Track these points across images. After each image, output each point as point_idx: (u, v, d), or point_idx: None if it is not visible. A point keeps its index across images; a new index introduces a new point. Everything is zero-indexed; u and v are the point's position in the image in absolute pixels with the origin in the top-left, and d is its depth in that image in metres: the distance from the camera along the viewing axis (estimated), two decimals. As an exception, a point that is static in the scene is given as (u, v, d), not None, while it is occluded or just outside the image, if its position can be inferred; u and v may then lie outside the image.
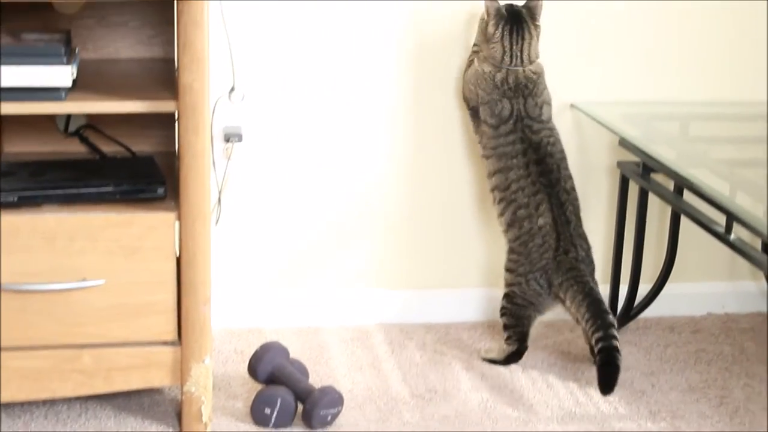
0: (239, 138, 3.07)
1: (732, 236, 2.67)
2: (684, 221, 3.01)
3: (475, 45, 3.08)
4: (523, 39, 2.98)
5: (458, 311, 3.31)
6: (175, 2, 2.42)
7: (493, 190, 3.03)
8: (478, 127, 3.06)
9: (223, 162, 3.09)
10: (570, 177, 3.00)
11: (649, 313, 3.27)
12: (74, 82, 2.49)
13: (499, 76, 2.99)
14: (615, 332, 2.87)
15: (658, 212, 3.29)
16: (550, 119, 3.03)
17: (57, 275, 2.48)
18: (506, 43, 2.97)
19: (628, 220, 3.20)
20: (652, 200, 3.13)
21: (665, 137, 3.16)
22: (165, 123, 2.83)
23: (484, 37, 3.01)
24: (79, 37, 2.80)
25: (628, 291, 3.22)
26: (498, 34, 2.97)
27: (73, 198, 2.51)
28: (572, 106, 3.21)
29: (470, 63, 3.07)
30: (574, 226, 2.97)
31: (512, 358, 3.05)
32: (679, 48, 3.25)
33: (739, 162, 3.03)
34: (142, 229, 2.49)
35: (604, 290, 3.17)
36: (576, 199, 3.00)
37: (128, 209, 2.51)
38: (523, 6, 3.01)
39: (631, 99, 3.26)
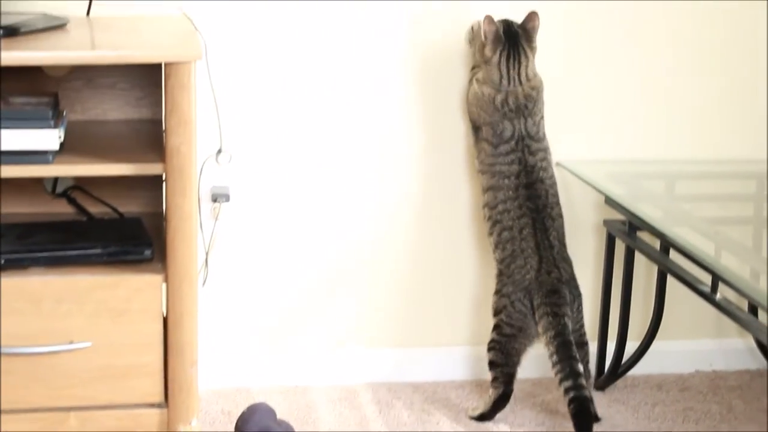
0: (227, 198, 3.08)
1: (718, 296, 2.68)
2: (671, 278, 3.02)
3: (474, 67, 3.10)
4: (519, 63, 3.00)
5: (446, 370, 3.31)
6: (163, 66, 2.43)
7: (484, 206, 3.06)
8: (477, 141, 3.08)
9: (210, 222, 3.10)
10: (558, 204, 3.03)
11: (637, 370, 3.27)
12: (62, 144, 2.49)
13: (499, 98, 3.01)
14: (583, 381, 2.90)
15: (645, 269, 3.30)
16: (544, 135, 3.05)
17: (44, 338, 2.46)
18: (503, 68, 3.00)
19: (615, 278, 3.21)
20: (639, 257, 3.14)
21: (651, 196, 3.18)
22: (153, 184, 2.83)
23: (482, 57, 3.03)
24: (67, 99, 2.81)
25: (615, 348, 3.23)
26: (495, 58, 3.00)
27: (60, 260, 2.50)
28: (558, 164, 3.22)
29: (470, 83, 3.09)
30: (558, 251, 3.00)
31: (499, 403, 3.04)
32: (665, 106, 3.27)
33: (724, 220, 3.04)
34: (129, 291, 2.48)
35: (591, 348, 3.18)
36: (562, 225, 3.04)
37: (115, 271, 2.50)
38: (520, 26, 3.02)
39: (617, 157, 3.28)
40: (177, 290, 2.50)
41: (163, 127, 2.50)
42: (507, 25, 3.02)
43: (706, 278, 2.72)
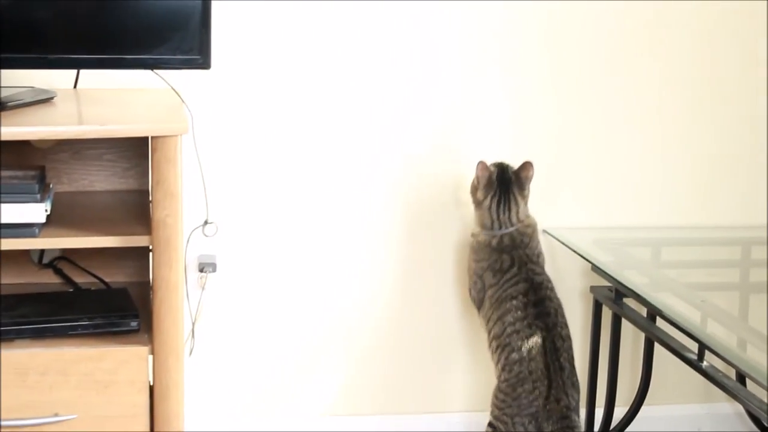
0: (213, 268, 3.08)
1: (705, 364, 2.68)
2: (658, 344, 3.02)
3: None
4: (509, 209, 3.02)
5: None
6: (150, 139, 2.45)
7: (492, 340, 2.99)
8: (480, 290, 3.06)
9: (197, 292, 3.10)
10: (566, 325, 2.97)
11: (625, 436, 3.27)
12: (48, 216, 2.50)
13: (494, 242, 3.02)
14: None
15: (633, 335, 3.31)
16: (544, 266, 3.05)
17: (29, 410, 2.46)
18: (494, 214, 3.02)
19: (602, 344, 3.21)
20: (627, 323, 3.14)
21: (637, 263, 3.19)
22: (140, 254, 2.84)
23: (475, 200, 3.06)
24: (53, 171, 2.82)
25: (603, 414, 3.22)
26: (486, 202, 3.02)
27: (45, 332, 2.50)
28: (544, 231, 3.23)
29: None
30: (568, 374, 2.91)
31: None
32: (651, 173, 3.29)
33: (710, 286, 3.05)
34: (115, 363, 2.48)
35: (580, 413, 3.18)
36: (571, 347, 2.96)
37: (101, 343, 2.50)
38: (514, 172, 3.04)
39: (604, 224, 3.29)
40: (163, 361, 2.51)
41: (150, 199, 2.52)
42: (501, 170, 3.05)
43: (693, 345, 2.72)
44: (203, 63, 2.64)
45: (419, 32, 3.12)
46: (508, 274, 2.99)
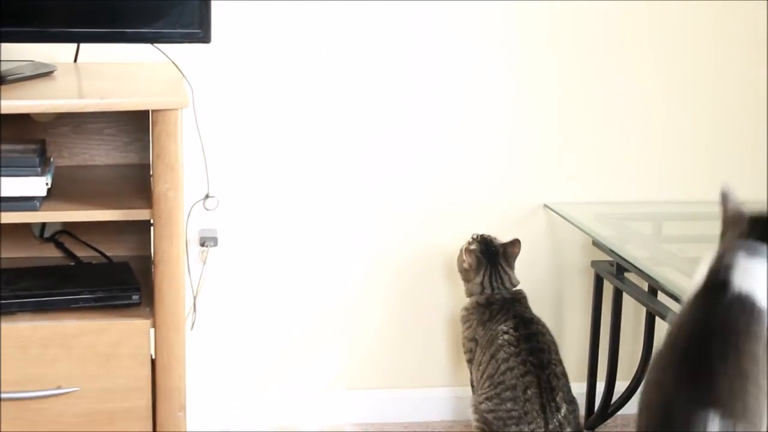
0: (215, 242, 3.08)
1: (705, 336, 2.68)
2: (659, 318, 3.02)
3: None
4: (501, 278, 3.03)
5: (431, 410, 3.32)
6: (150, 112, 2.45)
7: (486, 379, 2.93)
8: (473, 358, 3.03)
9: (198, 266, 3.10)
10: (561, 362, 2.92)
11: (627, 410, 3.26)
12: (49, 189, 2.50)
13: (483, 299, 3.02)
14: None
15: (634, 309, 3.31)
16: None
17: (32, 383, 2.47)
18: (486, 283, 3.02)
19: (603, 319, 3.22)
20: (628, 297, 3.15)
21: (638, 237, 3.19)
22: (141, 227, 2.83)
23: (466, 277, 3.06)
24: (54, 144, 2.82)
25: (605, 388, 3.23)
26: (479, 278, 3.03)
27: (47, 305, 2.51)
28: (546, 206, 3.24)
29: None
30: (565, 414, 2.85)
31: None
32: (652, 148, 3.29)
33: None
34: (117, 336, 2.48)
35: (581, 388, 3.19)
36: (567, 383, 2.90)
37: (103, 316, 2.51)
38: (502, 246, 3.05)
39: (605, 199, 3.29)
40: (165, 335, 2.51)
41: (151, 173, 2.52)
42: (485, 244, 3.04)
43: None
44: (203, 37, 2.63)
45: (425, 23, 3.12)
46: (498, 315, 2.98)
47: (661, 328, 3.08)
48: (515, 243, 3.06)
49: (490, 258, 3.03)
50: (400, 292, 3.27)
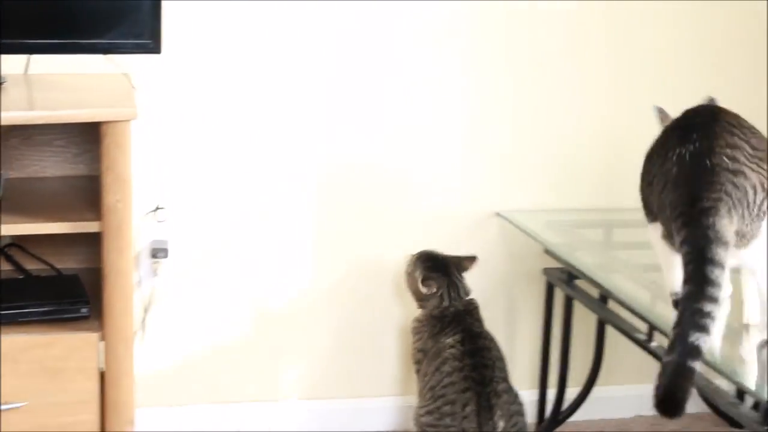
0: (166, 254, 3.07)
1: (654, 344, 2.70)
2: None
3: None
4: (458, 289, 3.00)
5: (375, 420, 3.33)
6: (100, 124, 2.44)
7: (429, 390, 2.90)
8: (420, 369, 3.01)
9: (149, 278, 3.09)
10: (505, 379, 2.89)
11: (578, 416, 3.29)
12: (-2, 203, 2.50)
13: (437, 311, 2.99)
14: None
15: (586, 316, 3.32)
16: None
17: (-22, 398, 2.46)
18: (445, 296, 2.99)
19: (555, 325, 3.23)
20: (579, 304, 3.16)
21: (589, 244, 3.21)
22: (92, 239, 2.81)
23: (418, 296, 3.03)
24: (4, 157, 2.80)
25: (556, 395, 3.25)
26: (438, 294, 3.00)
27: (-5, 319, 2.50)
28: (498, 214, 3.25)
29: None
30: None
31: None
32: (603, 155, 3.31)
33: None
34: (65, 350, 2.48)
35: (532, 395, 3.21)
36: (508, 401, 2.85)
37: (51, 329, 2.50)
38: (456, 258, 3.03)
39: (557, 206, 3.31)
40: (114, 348, 2.51)
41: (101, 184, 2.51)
42: (432, 261, 3.02)
43: (644, 326, 2.74)
44: (154, 47, 2.64)
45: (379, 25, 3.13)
46: (448, 328, 2.96)
47: (612, 335, 3.11)
48: (471, 260, 3.04)
49: (444, 271, 3.02)
50: (351, 301, 3.28)
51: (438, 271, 3.00)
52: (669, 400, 2.10)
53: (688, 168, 2.25)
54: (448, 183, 3.25)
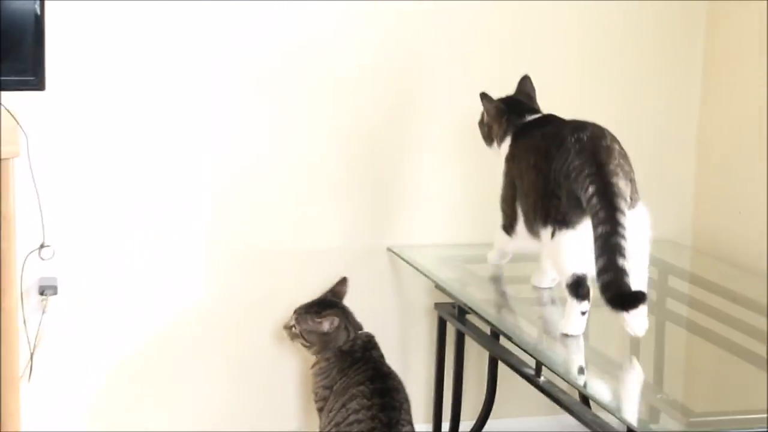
0: (54, 290, 3.03)
1: (542, 379, 2.72)
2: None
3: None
4: (352, 316, 3.01)
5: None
6: (-19, 162, 2.41)
7: (330, 429, 2.90)
8: (324, 407, 2.98)
9: (37, 315, 3.04)
10: (410, 422, 2.89)
11: (472, 450, 3.31)
12: None
13: (346, 346, 2.97)
14: None
15: (479, 349, 3.34)
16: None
17: None
18: (350, 328, 2.99)
19: (447, 359, 3.24)
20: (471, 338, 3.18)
21: (479, 280, 3.22)
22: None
23: (322, 339, 2.99)
24: None
25: (450, 429, 3.25)
26: (342, 329, 2.99)
27: None
28: (388, 249, 3.26)
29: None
30: None
31: None
32: (492, 192, 3.33)
33: (552, 300, 3.10)
34: (-52, 392, 2.44)
35: (426, 428, 3.21)
36: None
37: (-67, 371, 2.46)
38: (333, 292, 3.04)
39: (448, 241, 3.32)
40: (-3, 389, 2.47)
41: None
42: (323, 302, 3.03)
43: (533, 360, 2.76)
44: (38, 84, 2.61)
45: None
46: (357, 364, 2.95)
47: (504, 370, 3.12)
48: (343, 281, 3.06)
49: (331, 305, 3.01)
50: (242, 338, 3.26)
51: (328, 307, 3.00)
52: (624, 295, 2.43)
53: (589, 145, 2.59)
54: (339, 219, 3.25)
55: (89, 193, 3.08)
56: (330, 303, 3.02)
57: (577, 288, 2.58)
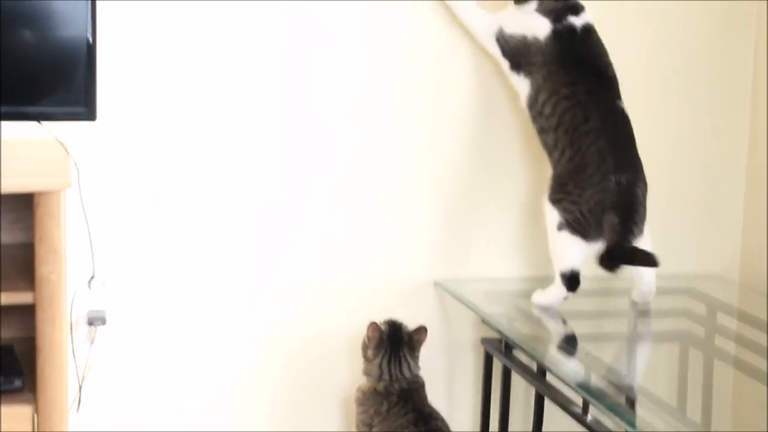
0: (103, 321, 3.05)
1: (589, 417, 2.71)
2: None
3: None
4: (400, 365, 3.01)
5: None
6: (32, 194, 2.43)
7: None
8: None
9: (86, 346, 3.06)
10: None
11: (515, 488, 3.28)
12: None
13: (381, 386, 2.99)
14: None
15: (525, 385, 3.33)
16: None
17: None
18: (384, 368, 3.00)
19: (494, 395, 3.23)
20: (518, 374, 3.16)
21: (526, 315, 3.20)
22: (26, 309, 2.80)
23: (365, 355, 3.04)
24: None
25: (496, 466, 3.24)
26: (377, 360, 3.00)
27: (-76, 392, 2.47)
28: (435, 283, 3.25)
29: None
30: None
31: None
32: (538, 224, 3.32)
33: (599, 336, 3.09)
34: (-2, 423, 2.46)
35: None
36: None
37: (-15, 402, 2.47)
38: (407, 333, 3.04)
39: (496, 275, 3.31)
40: (47, 420, 2.49)
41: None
42: (393, 329, 3.03)
43: (580, 398, 2.74)
44: (88, 115, 2.63)
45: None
46: (395, 408, 2.96)
47: (550, 407, 3.09)
48: (420, 330, 3.04)
49: (393, 343, 3.01)
50: (292, 371, 3.26)
51: (389, 339, 3.00)
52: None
53: (627, 193, 2.86)
54: (385, 252, 3.25)
55: (139, 224, 3.09)
56: (394, 333, 3.01)
57: (570, 280, 2.93)
